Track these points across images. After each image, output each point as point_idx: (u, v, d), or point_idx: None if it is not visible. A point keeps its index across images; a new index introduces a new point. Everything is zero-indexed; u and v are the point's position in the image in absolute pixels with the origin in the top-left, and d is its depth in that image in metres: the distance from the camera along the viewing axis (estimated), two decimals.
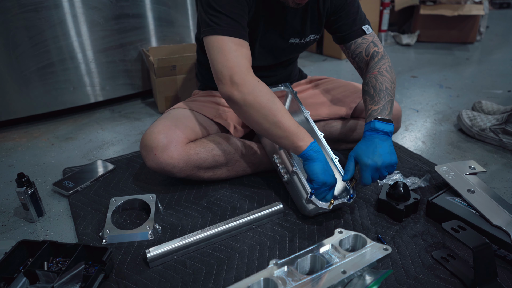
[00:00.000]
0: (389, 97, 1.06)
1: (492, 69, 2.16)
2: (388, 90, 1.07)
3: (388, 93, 1.06)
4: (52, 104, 1.69)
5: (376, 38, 1.18)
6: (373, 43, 1.16)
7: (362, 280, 0.75)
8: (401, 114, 1.33)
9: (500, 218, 0.93)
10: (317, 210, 0.99)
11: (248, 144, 1.20)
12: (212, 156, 1.11)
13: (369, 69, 1.13)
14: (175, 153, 1.06)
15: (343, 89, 1.33)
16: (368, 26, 1.17)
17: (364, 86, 1.12)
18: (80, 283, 0.80)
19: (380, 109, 1.03)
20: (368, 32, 1.16)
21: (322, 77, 1.43)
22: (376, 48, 1.16)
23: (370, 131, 1.00)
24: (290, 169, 1.04)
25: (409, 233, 0.97)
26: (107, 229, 0.99)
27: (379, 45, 1.17)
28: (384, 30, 2.67)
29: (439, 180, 1.17)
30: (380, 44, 1.18)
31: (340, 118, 1.30)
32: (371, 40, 1.16)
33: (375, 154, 0.96)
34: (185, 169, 1.09)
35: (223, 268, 0.90)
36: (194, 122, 1.15)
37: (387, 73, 1.10)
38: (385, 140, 0.99)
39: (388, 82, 1.08)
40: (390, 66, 1.13)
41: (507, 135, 1.36)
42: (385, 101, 1.04)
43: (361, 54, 1.17)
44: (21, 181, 1.08)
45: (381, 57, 1.14)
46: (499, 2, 3.55)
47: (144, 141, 1.08)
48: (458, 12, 2.42)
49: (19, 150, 1.51)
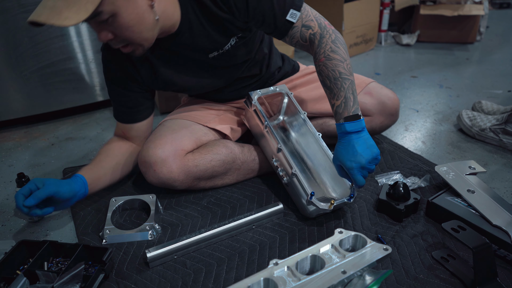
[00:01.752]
0: (347, 82, 0.97)
1: (492, 69, 2.16)
2: (343, 74, 0.97)
3: (344, 77, 0.97)
4: (52, 104, 1.69)
5: (306, 19, 1.02)
6: (305, 27, 1.02)
7: (362, 280, 0.75)
8: (398, 105, 1.28)
9: (500, 218, 0.93)
10: (318, 211, 0.99)
11: (247, 150, 1.19)
12: (211, 167, 1.10)
13: (315, 56, 1.03)
14: (174, 166, 1.05)
15: None
16: (293, 10, 1.00)
17: (318, 75, 1.04)
18: (80, 283, 0.80)
19: (343, 103, 0.96)
20: (295, 20, 1.01)
21: (314, 70, 1.36)
22: (310, 30, 1.02)
23: (343, 134, 0.96)
24: (290, 171, 1.04)
25: (409, 233, 0.97)
26: (107, 229, 0.99)
27: (312, 24, 1.02)
28: (384, 30, 2.66)
29: (439, 180, 1.17)
30: (314, 21, 1.02)
31: None
32: (301, 24, 1.01)
33: (355, 155, 0.92)
34: (186, 182, 1.09)
35: (223, 268, 0.90)
36: (190, 132, 1.13)
37: (334, 53, 0.99)
38: (360, 137, 0.94)
39: (339, 63, 0.98)
40: (333, 41, 1.00)
41: (507, 135, 1.36)
42: (344, 90, 0.96)
43: (300, 43, 1.05)
44: (21, 181, 1.08)
45: (320, 37, 1.01)
46: (499, 2, 3.55)
47: (142, 157, 1.07)
48: (458, 12, 2.42)
49: (19, 150, 1.51)
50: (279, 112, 1.26)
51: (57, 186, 0.94)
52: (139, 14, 0.87)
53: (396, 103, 1.27)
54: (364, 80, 1.29)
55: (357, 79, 1.27)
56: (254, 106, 1.14)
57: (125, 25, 0.86)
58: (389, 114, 1.26)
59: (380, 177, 1.19)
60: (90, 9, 0.78)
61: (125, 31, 0.87)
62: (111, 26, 0.86)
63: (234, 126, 1.25)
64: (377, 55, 2.52)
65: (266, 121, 1.10)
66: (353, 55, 2.50)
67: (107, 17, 0.83)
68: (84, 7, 0.78)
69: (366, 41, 2.54)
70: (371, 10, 2.49)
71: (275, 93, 1.21)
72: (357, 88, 1.24)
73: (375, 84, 1.29)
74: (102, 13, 0.81)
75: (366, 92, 1.26)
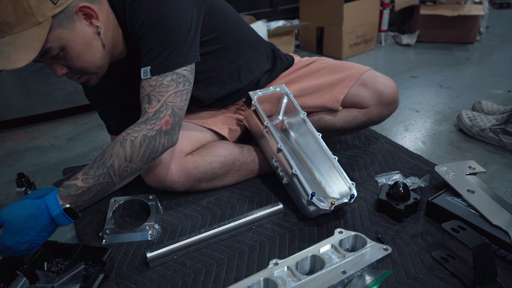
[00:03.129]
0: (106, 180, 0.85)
1: (492, 69, 2.16)
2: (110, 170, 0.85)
3: (108, 174, 0.85)
4: (52, 104, 1.69)
5: (156, 90, 0.90)
6: (148, 97, 0.90)
7: (362, 280, 0.75)
8: (396, 93, 1.21)
9: (500, 218, 0.93)
10: (318, 212, 0.99)
11: (247, 151, 1.19)
12: (211, 169, 1.10)
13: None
14: (174, 168, 1.05)
15: (331, 77, 1.23)
16: (147, 69, 0.89)
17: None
18: (80, 283, 0.80)
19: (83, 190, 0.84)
20: (144, 77, 0.90)
21: (307, 63, 1.31)
22: (147, 105, 0.89)
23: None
24: (290, 172, 1.04)
25: (409, 233, 0.97)
26: (107, 229, 0.99)
27: (154, 102, 0.89)
28: (384, 30, 2.67)
29: (439, 180, 1.17)
30: (159, 99, 0.89)
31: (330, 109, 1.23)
32: (148, 92, 0.90)
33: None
34: (186, 184, 1.08)
35: (223, 268, 0.90)
36: (188, 134, 1.13)
37: (131, 147, 0.86)
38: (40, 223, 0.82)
39: (121, 158, 0.85)
40: (145, 136, 0.87)
41: (507, 135, 1.36)
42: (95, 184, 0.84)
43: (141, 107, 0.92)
44: (21, 181, 1.08)
45: (146, 119, 0.88)
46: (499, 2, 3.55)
47: None
48: (458, 12, 2.42)
49: (19, 150, 1.51)
50: (278, 112, 1.26)
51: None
52: (88, 43, 0.87)
53: (394, 91, 1.20)
54: (359, 70, 1.22)
55: (351, 69, 1.22)
56: (253, 106, 1.14)
57: (76, 55, 0.86)
58: (387, 104, 1.20)
59: (380, 177, 1.19)
60: (37, 48, 0.78)
61: (77, 62, 0.87)
62: (63, 60, 0.86)
63: (232, 126, 1.24)
64: (377, 55, 2.52)
65: (266, 121, 1.10)
66: (353, 55, 2.50)
67: (58, 52, 0.84)
68: (31, 47, 0.78)
69: (366, 41, 2.54)
70: (371, 10, 2.49)
71: (274, 92, 1.21)
72: (351, 79, 1.20)
73: (370, 72, 1.21)
74: (51, 49, 0.82)
75: (361, 83, 1.19)
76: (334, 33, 2.42)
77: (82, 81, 0.94)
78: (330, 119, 1.24)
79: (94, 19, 0.87)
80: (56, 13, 0.79)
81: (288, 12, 2.93)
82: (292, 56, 1.35)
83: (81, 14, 0.85)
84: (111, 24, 0.93)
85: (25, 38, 0.77)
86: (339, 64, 1.27)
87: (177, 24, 0.91)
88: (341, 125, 1.24)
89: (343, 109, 1.23)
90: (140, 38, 0.92)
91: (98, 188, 0.86)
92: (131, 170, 0.89)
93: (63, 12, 0.81)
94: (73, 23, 0.83)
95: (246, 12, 2.70)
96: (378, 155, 1.32)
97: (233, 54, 1.15)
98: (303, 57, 1.37)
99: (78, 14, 0.84)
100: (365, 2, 2.41)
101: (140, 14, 0.91)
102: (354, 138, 1.45)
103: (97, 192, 0.87)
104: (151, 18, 0.90)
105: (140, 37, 0.92)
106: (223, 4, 1.10)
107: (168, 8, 0.90)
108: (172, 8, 0.91)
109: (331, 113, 1.24)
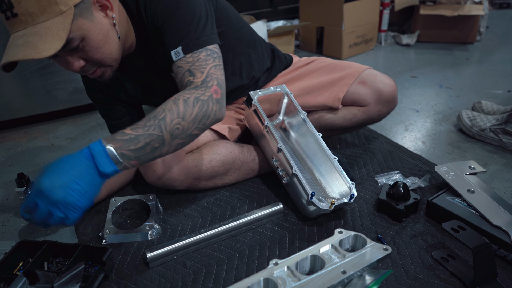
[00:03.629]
0: (156, 132, 0.81)
1: (492, 69, 2.16)
2: (161, 122, 0.81)
3: (159, 126, 0.81)
4: (52, 104, 1.69)
5: (195, 64, 0.89)
6: (189, 72, 0.89)
7: (362, 280, 0.75)
8: (395, 91, 1.22)
9: (500, 218, 0.93)
10: (318, 212, 0.99)
11: (247, 150, 1.19)
12: (211, 168, 1.10)
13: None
14: (173, 166, 1.05)
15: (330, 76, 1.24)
16: (179, 50, 0.90)
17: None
18: (80, 283, 0.80)
19: (130, 137, 0.79)
20: (177, 58, 0.90)
21: (306, 62, 1.32)
22: (191, 77, 0.89)
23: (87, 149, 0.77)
24: (290, 172, 1.04)
25: (409, 233, 0.97)
26: (107, 229, 0.99)
27: (198, 74, 0.89)
28: (384, 30, 2.66)
29: (439, 180, 1.17)
30: (203, 71, 0.89)
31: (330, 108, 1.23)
32: (188, 68, 0.90)
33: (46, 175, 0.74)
34: (186, 182, 1.09)
35: (223, 268, 0.90)
36: None
37: (184, 104, 0.84)
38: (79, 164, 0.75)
39: (174, 114, 0.83)
40: (198, 99, 0.85)
41: (507, 135, 1.36)
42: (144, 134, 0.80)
43: (180, 85, 0.92)
44: (21, 181, 1.08)
45: (195, 86, 0.88)
46: (499, 2, 3.55)
47: None
48: (458, 12, 2.42)
49: (19, 150, 1.51)
50: (279, 112, 1.26)
51: None
52: (105, 34, 0.87)
53: (393, 89, 1.21)
54: (358, 68, 1.23)
55: (350, 68, 1.23)
56: (254, 106, 1.14)
57: (95, 46, 0.86)
58: (386, 102, 1.21)
59: (380, 177, 1.19)
60: (64, 36, 0.78)
61: (96, 53, 0.87)
62: (81, 52, 0.85)
63: (232, 125, 1.25)
64: (377, 55, 2.52)
65: (266, 121, 1.10)
66: (353, 55, 2.50)
67: (78, 43, 0.83)
68: (57, 36, 0.78)
69: (366, 41, 2.54)
70: (371, 10, 2.49)
71: (274, 93, 1.21)
72: (350, 78, 1.21)
73: (369, 71, 1.23)
74: (72, 40, 0.81)
75: (360, 82, 1.20)
76: (334, 33, 2.42)
77: (97, 75, 0.93)
78: (330, 117, 1.24)
79: (109, 10, 0.88)
80: (77, 2, 0.79)
81: (288, 12, 2.94)
82: (291, 56, 1.36)
83: (97, 5, 0.85)
84: (122, 16, 0.94)
85: (49, 27, 0.77)
86: (338, 63, 1.28)
87: (196, 7, 0.92)
88: (341, 124, 1.25)
89: (342, 108, 1.24)
90: (162, 25, 0.92)
91: (147, 140, 0.79)
92: (182, 129, 0.84)
93: (83, 2, 0.81)
94: (91, 13, 0.83)
95: (246, 12, 2.70)
96: (378, 155, 1.32)
97: (236, 50, 1.16)
98: (302, 57, 1.38)
99: (95, 5, 0.84)
100: (365, 2, 2.41)
101: (158, 4, 0.91)
102: (354, 138, 1.45)
103: (145, 144, 0.79)
104: (169, 5, 0.90)
105: (162, 24, 0.91)
106: (226, 3, 1.13)
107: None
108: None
109: (331, 111, 1.24)
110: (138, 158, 0.80)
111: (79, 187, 0.74)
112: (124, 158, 0.78)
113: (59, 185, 0.72)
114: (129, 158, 0.79)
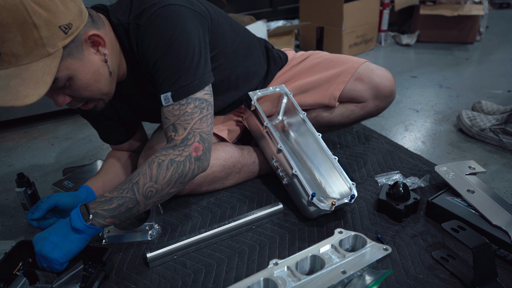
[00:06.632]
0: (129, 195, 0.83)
1: (492, 69, 2.16)
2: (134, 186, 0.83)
3: (132, 189, 0.83)
4: (52, 104, 1.68)
5: (180, 119, 0.88)
6: (173, 127, 0.88)
7: (362, 280, 0.75)
8: (393, 85, 1.19)
9: (500, 218, 0.93)
10: (319, 212, 0.99)
11: (247, 153, 1.19)
12: (212, 173, 1.10)
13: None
14: None
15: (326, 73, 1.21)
16: (168, 95, 0.86)
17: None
18: (79, 283, 0.80)
19: (106, 199, 0.83)
20: (166, 104, 0.87)
21: (302, 59, 1.29)
22: (173, 133, 0.87)
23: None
24: (290, 172, 1.04)
25: (409, 233, 0.97)
26: (107, 229, 0.99)
27: (180, 131, 0.87)
28: (384, 30, 2.66)
29: (439, 180, 1.17)
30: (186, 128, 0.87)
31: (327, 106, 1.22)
32: (172, 122, 0.88)
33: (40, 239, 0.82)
34: (187, 188, 1.09)
35: (223, 268, 0.90)
36: None
37: (158, 168, 0.84)
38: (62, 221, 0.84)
39: (146, 177, 0.84)
40: (173, 161, 0.85)
41: (507, 135, 1.36)
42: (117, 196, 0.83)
43: (164, 133, 0.92)
44: (21, 181, 1.08)
45: (174, 145, 0.87)
46: (499, 2, 3.55)
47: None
48: (458, 12, 2.42)
49: (19, 150, 1.51)
50: (278, 112, 1.26)
51: (60, 196, 0.94)
52: (95, 72, 0.83)
53: (390, 83, 1.18)
54: (354, 64, 1.20)
55: (347, 62, 1.20)
56: (253, 106, 1.14)
57: (83, 85, 0.82)
58: (383, 97, 1.18)
59: (380, 177, 1.19)
60: (48, 81, 0.73)
61: (84, 92, 0.83)
62: (68, 89, 0.82)
63: (231, 127, 1.24)
64: (377, 55, 2.52)
65: (266, 121, 1.10)
66: (353, 55, 2.50)
67: (64, 83, 0.79)
68: (42, 81, 0.72)
69: (366, 41, 2.54)
70: (371, 10, 2.49)
71: (274, 93, 1.21)
72: (346, 75, 1.18)
73: (365, 65, 1.20)
74: (58, 80, 0.77)
75: (356, 78, 1.17)
76: (334, 33, 2.42)
77: (89, 107, 0.91)
78: (327, 115, 1.23)
79: (102, 46, 0.84)
80: (67, 43, 0.75)
81: (288, 12, 2.94)
82: (284, 54, 1.32)
83: (89, 42, 0.81)
84: (115, 48, 0.90)
85: (33, 70, 0.72)
86: (333, 58, 1.24)
87: (189, 46, 0.87)
88: (339, 121, 1.23)
89: (340, 105, 1.22)
90: (154, 65, 0.88)
91: (120, 202, 0.83)
92: (156, 191, 0.85)
93: (73, 41, 0.77)
94: (82, 52, 0.80)
95: (246, 12, 2.70)
96: (378, 155, 1.32)
97: (232, 65, 1.12)
98: (297, 52, 1.35)
99: (86, 42, 0.81)
100: (365, 2, 2.41)
101: (150, 41, 0.86)
102: (354, 138, 1.45)
103: (118, 205, 0.83)
104: (162, 44, 0.86)
105: (154, 64, 0.88)
106: (219, 15, 1.05)
107: (177, 31, 0.86)
108: (181, 30, 0.87)
109: (328, 109, 1.22)
110: (114, 217, 0.84)
111: (56, 239, 0.81)
112: (98, 216, 0.83)
113: (41, 238, 0.82)
114: (103, 217, 0.83)
